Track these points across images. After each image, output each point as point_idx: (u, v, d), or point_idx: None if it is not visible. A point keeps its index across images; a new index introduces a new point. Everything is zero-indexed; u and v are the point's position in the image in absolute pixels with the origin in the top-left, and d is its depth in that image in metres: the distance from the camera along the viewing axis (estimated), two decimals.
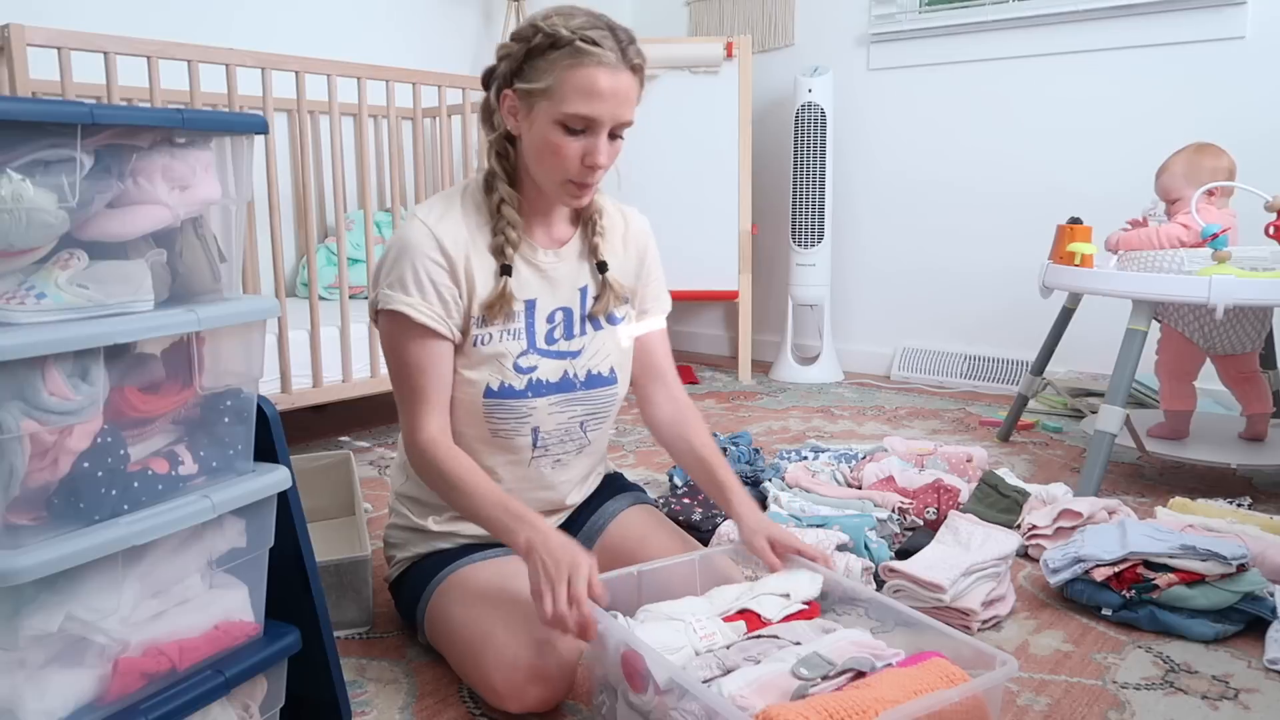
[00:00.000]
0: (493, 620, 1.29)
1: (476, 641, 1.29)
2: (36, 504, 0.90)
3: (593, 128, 1.27)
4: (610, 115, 1.26)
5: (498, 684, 1.25)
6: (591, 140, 1.27)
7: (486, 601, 1.33)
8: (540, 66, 1.26)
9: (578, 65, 1.23)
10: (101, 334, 0.91)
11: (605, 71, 1.24)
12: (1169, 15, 3.01)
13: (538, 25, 1.26)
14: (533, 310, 1.40)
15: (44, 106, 0.89)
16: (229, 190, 1.07)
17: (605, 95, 1.24)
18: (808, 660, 1.09)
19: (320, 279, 3.02)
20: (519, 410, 1.39)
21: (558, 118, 1.26)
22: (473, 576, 1.39)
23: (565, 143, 1.27)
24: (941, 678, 1.05)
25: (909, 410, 3.16)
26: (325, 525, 1.97)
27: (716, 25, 4.06)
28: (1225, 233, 2.08)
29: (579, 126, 1.26)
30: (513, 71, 1.30)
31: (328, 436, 2.82)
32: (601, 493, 1.60)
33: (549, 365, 1.41)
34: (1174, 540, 1.58)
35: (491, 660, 1.26)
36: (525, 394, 1.39)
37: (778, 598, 1.27)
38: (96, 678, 0.96)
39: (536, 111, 1.28)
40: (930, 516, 1.97)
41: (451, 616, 1.36)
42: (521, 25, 1.30)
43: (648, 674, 1.11)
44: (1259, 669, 1.43)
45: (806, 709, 0.97)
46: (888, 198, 3.72)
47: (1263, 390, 2.37)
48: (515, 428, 1.40)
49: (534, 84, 1.27)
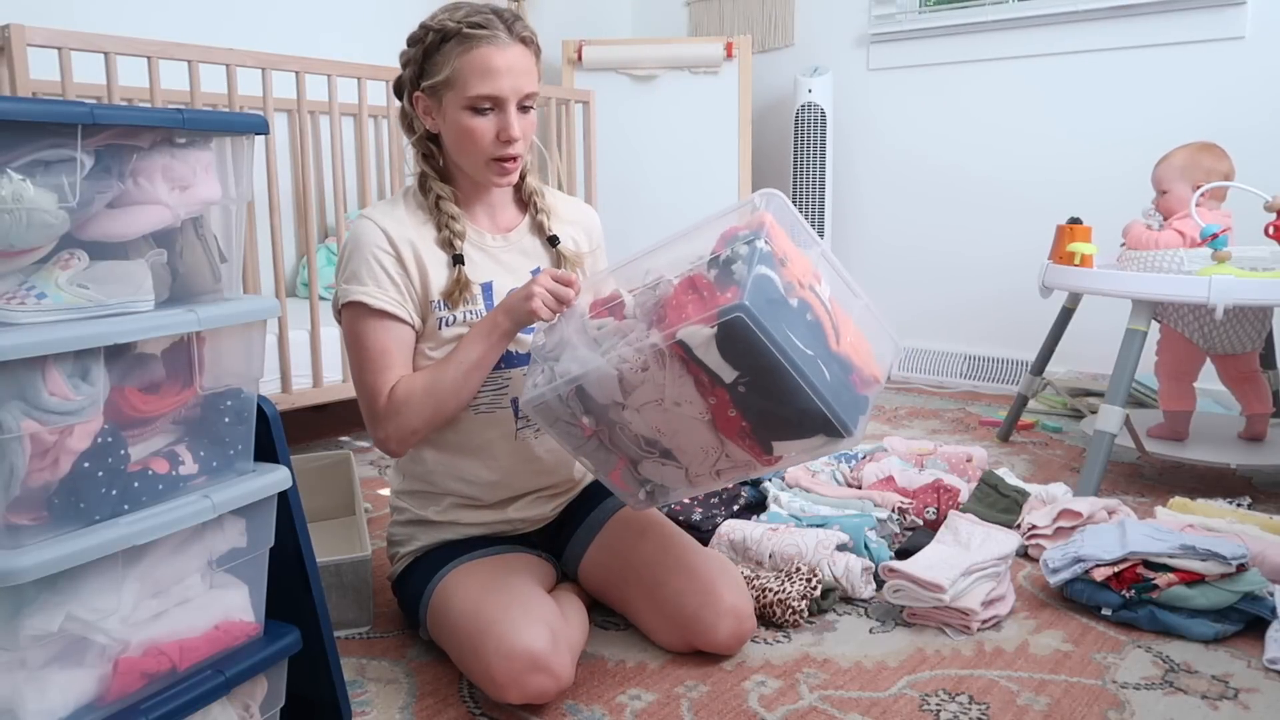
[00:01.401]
0: (493, 611, 1.31)
1: (477, 633, 1.31)
2: (37, 504, 0.90)
3: (499, 104, 1.35)
4: (511, 88, 1.34)
5: (497, 673, 1.26)
6: (502, 116, 1.35)
7: (486, 594, 1.34)
8: (437, 61, 1.34)
9: (469, 49, 1.32)
10: (102, 334, 0.92)
11: (496, 49, 1.33)
12: (1169, 15, 3.01)
13: (427, 25, 1.35)
14: (490, 291, 1.45)
15: (44, 106, 0.89)
16: (229, 190, 1.07)
17: (501, 71, 1.33)
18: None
19: (320, 279, 3.01)
20: (496, 382, 1.44)
21: (464, 103, 1.34)
22: (473, 571, 1.40)
23: (477, 124, 1.35)
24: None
25: (909, 410, 3.16)
26: (325, 525, 1.97)
27: (716, 25, 4.06)
28: (1225, 233, 2.08)
29: (485, 105, 1.34)
30: (417, 74, 1.38)
31: (328, 436, 2.83)
32: (594, 495, 1.61)
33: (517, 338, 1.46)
34: (1174, 540, 1.58)
35: (492, 650, 1.27)
36: (500, 366, 1.43)
37: None
38: (97, 678, 0.96)
39: (445, 104, 1.36)
40: (930, 516, 1.97)
41: (452, 610, 1.37)
42: (414, 30, 1.38)
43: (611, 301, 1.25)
44: (1259, 669, 1.43)
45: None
46: (887, 198, 3.72)
47: (1263, 390, 2.37)
48: (495, 399, 1.45)
49: (436, 78, 1.34)
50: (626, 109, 3.51)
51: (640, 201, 3.62)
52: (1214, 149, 2.29)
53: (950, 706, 1.33)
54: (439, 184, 1.43)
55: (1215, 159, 2.26)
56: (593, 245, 1.59)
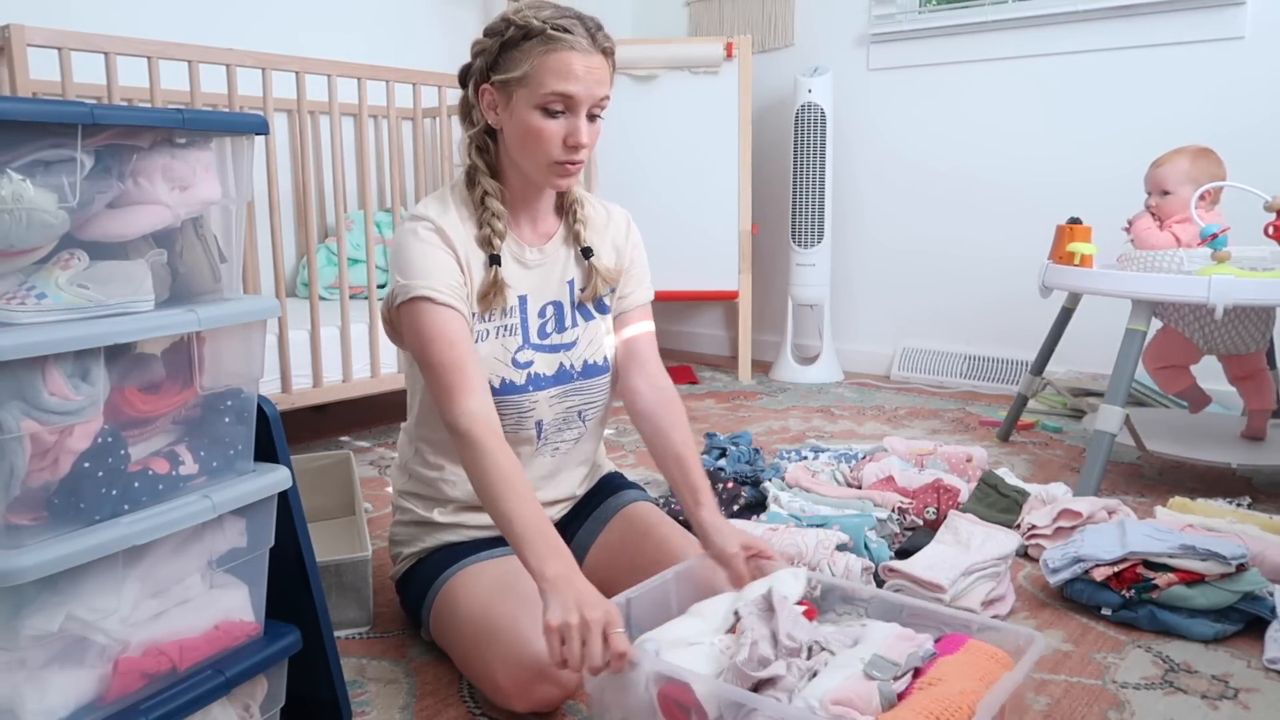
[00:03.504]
0: (500, 618, 1.29)
1: (483, 639, 1.29)
2: (37, 504, 0.90)
3: (572, 107, 1.31)
4: (587, 94, 1.31)
5: (503, 682, 1.25)
6: (572, 120, 1.32)
7: (494, 599, 1.33)
8: (515, 57, 1.31)
9: (552, 50, 1.29)
10: (102, 334, 0.92)
11: (578, 55, 1.30)
12: (1169, 15, 3.00)
13: (509, 19, 1.31)
14: (524, 306, 1.43)
15: (44, 106, 0.89)
16: (229, 190, 1.07)
17: (580, 75, 1.30)
18: (874, 663, 1.05)
19: (321, 279, 3.02)
20: (522, 405, 1.42)
21: (537, 101, 1.30)
22: (480, 574, 1.39)
23: (547, 125, 1.31)
24: (989, 658, 1.08)
25: (909, 410, 3.16)
26: (325, 525, 1.97)
27: (716, 25, 4.06)
28: (1224, 233, 2.08)
29: (558, 107, 1.31)
30: (489, 65, 1.35)
31: (328, 436, 2.82)
32: (603, 489, 1.61)
33: (545, 359, 1.45)
34: (1174, 540, 1.58)
35: (499, 658, 1.26)
36: (526, 389, 1.42)
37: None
38: (97, 678, 0.96)
39: (516, 101, 1.32)
40: (930, 516, 1.97)
41: (457, 613, 1.36)
42: (493, 21, 1.35)
43: (694, 706, 1.02)
44: (1259, 669, 1.43)
45: (919, 715, 0.96)
46: (888, 197, 3.72)
47: (1266, 388, 2.37)
48: (519, 422, 1.43)
49: (511, 73, 1.31)
50: (626, 109, 3.50)
51: (640, 201, 3.62)
52: (1212, 154, 2.29)
53: None
54: (488, 180, 1.40)
55: (1216, 164, 2.27)
56: (625, 260, 1.54)
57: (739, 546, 1.33)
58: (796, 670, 1.05)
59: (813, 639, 1.11)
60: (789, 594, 1.20)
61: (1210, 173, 2.25)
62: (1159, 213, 2.31)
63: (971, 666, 1.06)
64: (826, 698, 0.99)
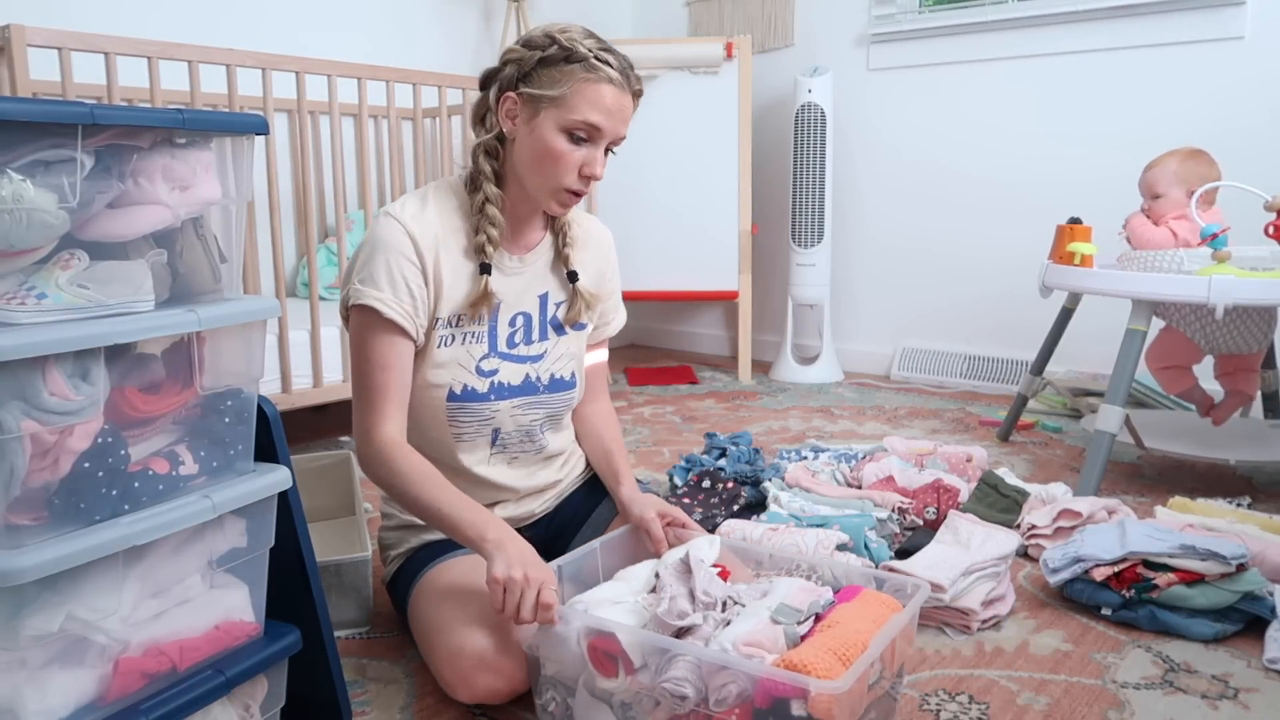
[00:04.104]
0: (446, 612, 1.32)
1: (433, 633, 1.33)
2: (37, 504, 0.90)
3: (595, 138, 1.33)
4: (612, 129, 1.33)
5: (445, 673, 1.28)
6: (592, 151, 1.34)
7: (446, 597, 1.36)
8: (554, 76, 1.31)
9: (591, 80, 1.30)
10: (102, 334, 0.92)
11: (614, 90, 1.32)
12: (1168, 15, 3.00)
13: (554, 37, 1.31)
14: (496, 314, 1.44)
15: (44, 107, 0.89)
16: (229, 190, 1.07)
17: (613, 110, 1.32)
18: (780, 610, 1.17)
19: (320, 279, 3.02)
20: (482, 413, 1.43)
21: (566, 125, 1.31)
22: (441, 574, 1.41)
23: (568, 150, 1.32)
24: (881, 604, 1.22)
25: (909, 410, 3.16)
26: (325, 525, 1.98)
27: (716, 25, 4.06)
28: (1225, 232, 2.08)
29: (583, 135, 1.32)
30: (520, 76, 1.33)
31: (328, 436, 2.82)
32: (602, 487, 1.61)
33: (510, 368, 1.45)
34: (1173, 540, 1.58)
35: (441, 650, 1.29)
36: (488, 397, 1.42)
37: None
38: (97, 678, 0.96)
39: (542, 117, 1.32)
40: (930, 516, 1.97)
41: (419, 611, 1.39)
42: (534, 34, 1.34)
43: (621, 655, 1.12)
44: (1259, 668, 1.43)
45: (819, 651, 1.06)
46: (887, 197, 3.72)
47: (1252, 383, 2.37)
48: (478, 429, 1.44)
49: (545, 90, 1.31)
50: None
51: (640, 201, 3.62)
52: (1204, 155, 2.29)
53: (950, 706, 1.33)
54: (492, 187, 1.38)
55: (1207, 165, 2.27)
56: (604, 283, 1.56)
57: (655, 512, 1.44)
58: (713, 621, 1.16)
59: (727, 595, 1.21)
60: (704, 558, 1.28)
61: (1200, 173, 2.25)
62: (1152, 216, 2.32)
63: (866, 611, 1.19)
64: (739, 640, 1.10)
